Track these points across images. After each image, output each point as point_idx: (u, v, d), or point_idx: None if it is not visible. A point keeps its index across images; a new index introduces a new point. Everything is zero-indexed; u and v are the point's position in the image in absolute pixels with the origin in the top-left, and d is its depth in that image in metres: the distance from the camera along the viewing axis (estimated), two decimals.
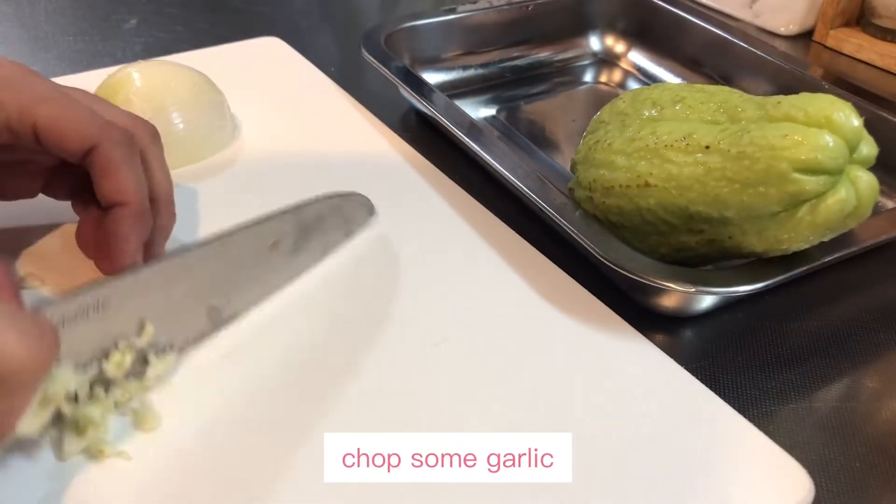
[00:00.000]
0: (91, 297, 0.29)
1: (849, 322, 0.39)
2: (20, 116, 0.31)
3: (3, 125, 0.31)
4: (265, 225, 0.36)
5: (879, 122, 0.46)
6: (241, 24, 0.68)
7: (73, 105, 0.32)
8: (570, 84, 0.61)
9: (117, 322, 0.30)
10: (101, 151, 0.32)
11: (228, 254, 0.35)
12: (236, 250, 0.35)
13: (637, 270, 0.34)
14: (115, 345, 0.30)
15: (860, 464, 0.32)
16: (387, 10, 0.76)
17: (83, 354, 0.29)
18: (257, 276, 0.36)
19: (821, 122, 0.32)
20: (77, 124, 0.31)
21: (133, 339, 0.31)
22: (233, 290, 0.35)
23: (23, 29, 0.66)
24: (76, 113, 0.32)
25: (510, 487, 0.29)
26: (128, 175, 0.32)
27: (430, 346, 0.35)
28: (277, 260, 0.37)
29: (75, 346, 0.29)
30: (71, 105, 0.32)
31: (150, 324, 0.31)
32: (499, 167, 0.42)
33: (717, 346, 0.37)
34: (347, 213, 0.41)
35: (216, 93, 0.48)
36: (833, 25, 0.65)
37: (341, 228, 0.40)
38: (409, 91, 0.49)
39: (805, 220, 0.33)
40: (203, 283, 0.34)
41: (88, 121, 0.32)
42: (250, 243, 0.35)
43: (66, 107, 0.32)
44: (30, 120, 0.31)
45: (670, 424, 0.32)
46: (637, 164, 0.37)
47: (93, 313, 0.29)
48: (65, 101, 0.32)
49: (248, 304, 0.36)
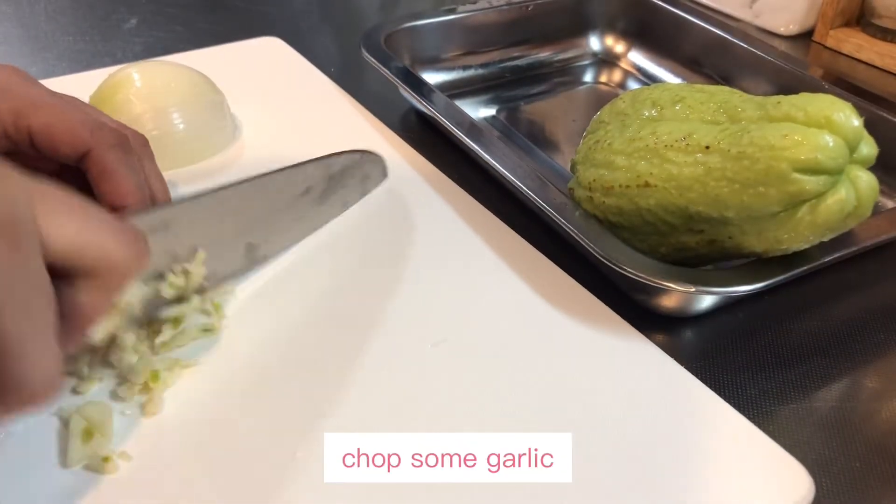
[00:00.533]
0: (159, 217, 0.32)
1: (849, 322, 0.39)
2: (16, 123, 0.31)
3: (1, 133, 0.31)
4: (299, 170, 0.38)
5: (879, 122, 0.46)
6: (241, 24, 0.68)
7: (66, 110, 0.32)
8: (570, 84, 0.61)
9: (176, 244, 0.33)
10: (95, 155, 0.32)
11: (267, 194, 0.37)
12: (274, 192, 0.37)
13: (637, 270, 0.34)
14: (170, 268, 0.33)
15: (860, 463, 0.32)
16: (387, 10, 0.76)
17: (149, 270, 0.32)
18: (289, 219, 0.39)
19: (821, 122, 0.32)
20: (70, 129, 0.32)
21: (186, 265, 0.33)
22: (266, 229, 0.38)
23: (23, 29, 0.66)
24: (69, 117, 0.32)
25: (510, 487, 0.29)
26: (126, 177, 0.32)
27: (430, 346, 0.35)
28: (306, 206, 0.39)
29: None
30: (64, 110, 0.32)
31: (201, 251, 0.34)
32: (499, 167, 0.42)
33: (717, 346, 0.37)
34: (366, 170, 0.43)
35: (216, 93, 0.48)
36: (833, 25, 0.65)
37: (359, 185, 0.43)
38: (409, 91, 0.49)
39: (805, 220, 0.33)
40: (244, 218, 0.36)
41: (81, 125, 0.32)
42: (286, 187, 0.38)
43: (60, 112, 0.32)
44: (25, 126, 0.31)
45: (670, 424, 0.32)
46: (637, 164, 0.37)
47: (160, 231, 0.32)
48: (58, 107, 0.32)
49: (279, 248, 0.39)
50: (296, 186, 0.38)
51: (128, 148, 0.33)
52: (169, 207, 0.32)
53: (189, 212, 0.33)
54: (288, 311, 0.37)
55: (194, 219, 0.33)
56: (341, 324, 0.36)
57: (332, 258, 0.40)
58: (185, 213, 0.33)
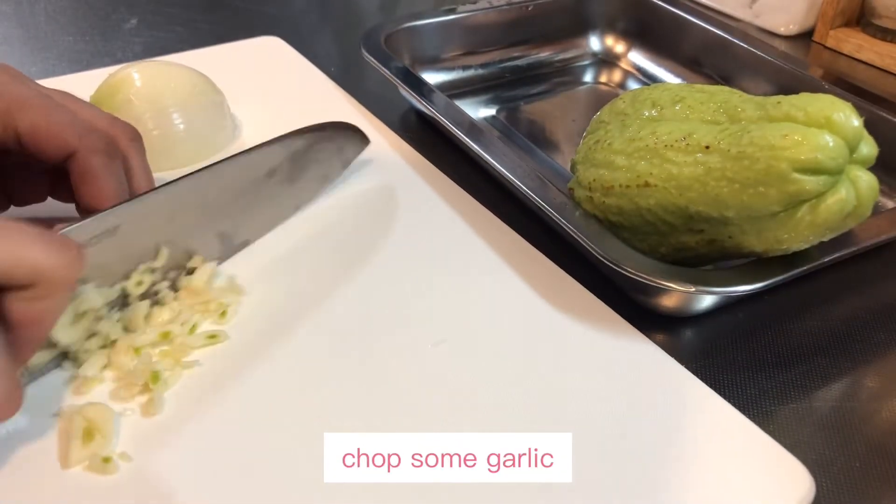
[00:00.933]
0: (102, 223, 0.32)
1: (849, 322, 0.39)
2: (3, 122, 0.32)
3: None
4: (254, 154, 0.38)
5: (879, 122, 0.46)
6: (241, 23, 0.68)
7: (53, 110, 0.32)
8: (570, 84, 0.61)
9: (133, 246, 0.33)
10: (79, 157, 0.32)
11: (224, 181, 0.37)
12: (231, 178, 0.37)
13: (637, 270, 0.34)
14: (134, 268, 0.34)
15: (860, 463, 0.32)
16: (387, 10, 0.76)
17: (106, 276, 0.33)
18: (258, 203, 0.39)
19: (821, 122, 0.32)
20: (56, 130, 0.32)
21: (151, 263, 0.34)
22: (237, 215, 0.38)
23: (23, 29, 0.66)
24: (56, 118, 0.32)
25: (510, 487, 0.29)
26: (106, 182, 0.33)
27: (430, 346, 0.35)
28: (276, 188, 0.39)
29: (95, 267, 0.32)
30: (51, 110, 0.32)
31: (164, 247, 0.35)
32: (499, 167, 0.42)
33: (717, 346, 0.37)
34: (340, 142, 0.43)
35: (216, 93, 0.48)
36: (833, 25, 0.65)
37: (336, 157, 0.43)
38: (409, 91, 0.49)
39: (805, 220, 0.33)
40: (206, 208, 0.36)
41: (68, 126, 0.32)
42: (244, 172, 0.38)
43: (47, 112, 0.32)
44: (12, 126, 0.32)
45: (671, 424, 0.32)
46: (637, 164, 0.37)
47: (106, 238, 0.32)
48: (45, 107, 0.32)
49: (257, 231, 0.39)
50: (257, 169, 0.38)
51: (113, 153, 0.33)
52: (114, 210, 0.32)
53: (137, 212, 0.33)
54: (287, 310, 0.37)
55: (146, 217, 0.33)
56: (341, 324, 0.36)
57: (331, 257, 0.40)
58: (134, 214, 0.33)
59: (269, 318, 0.36)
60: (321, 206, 0.43)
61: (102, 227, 0.32)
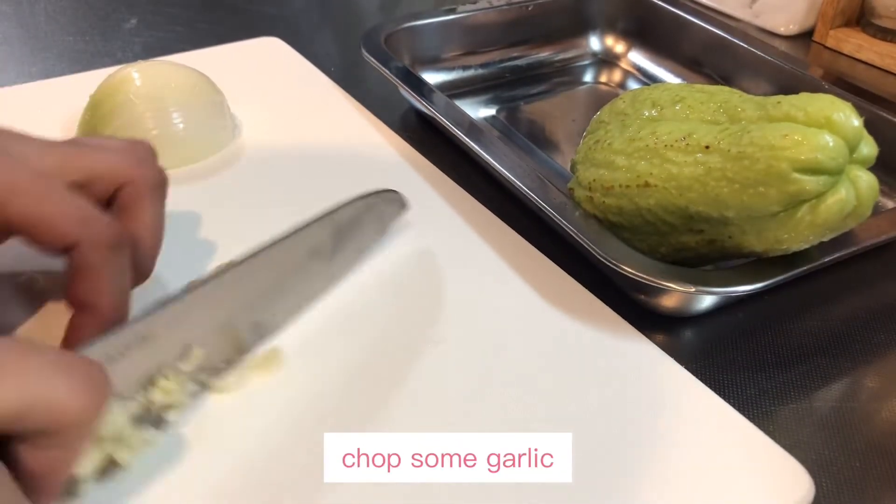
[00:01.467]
0: (134, 332, 0.28)
1: (849, 322, 0.39)
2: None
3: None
4: (303, 233, 0.34)
5: (879, 122, 0.46)
6: (241, 24, 0.68)
7: (50, 197, 0.27)
8: (570, 84, 0.61)
9: (162, 352, 0.29)
10: (80, 252, 0.28)
11: (269, 267, 0.33)
12: (277, 263, 0.34)
13: (637, 270, 0.34)
14: (160, 372, 0.29)
15: (860, 463, 0.32)
16: (387, 10, 0.76)
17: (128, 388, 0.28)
18: (298, 285, 0.35)
19: (821, 122, 0.32)
20: (54, 222, 0.27)
21: (179, 365, 0.30)
22: (275, 303, 0.34)
23: (23, 29, 0.66)
24: (53, 209, 0.27)
25: (510, 487, 0.29)
26: (107, 281, 0.29)
27: (430, 346, 0.35)
28: (317, 267, 0.36)
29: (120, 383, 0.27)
30: (48, 197, 0.27)
31: (197, 348, 0.31)
32: (499, 167, 0.42)
33: (717, 346, 0.37)
34: (381, 211, 0.40)
35: (216, 93, 0.48)
36: (833, 25, 0.65)
37: (375, 227, 0.39)
38: (409, 91, 0.49)
39: (805, 220, 0.33)
40: (246, 300, 0.33)
41: (68, 217, 0.28)
42: (290, 254, 0.34)
43: (42, 200, 0.27)
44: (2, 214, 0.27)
45: (670, 424, 0.32)
46: (637, 164, 0.37)
47: (136, 348, 0.28)
48: (40, 193, 0.27)
49: (290, 314, 0.35)
50: (301, 250, 0.35)
51: (120, 244, 0.29)
52: (145, 319, 0.28)
53: (171, 316, 0.29)
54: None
55: (180, 320, 0.30)
56: (341, 324, 0.36)
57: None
58: (167, 319, 0.29)
59: None
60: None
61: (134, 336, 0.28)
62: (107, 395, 0.23)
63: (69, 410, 0.21)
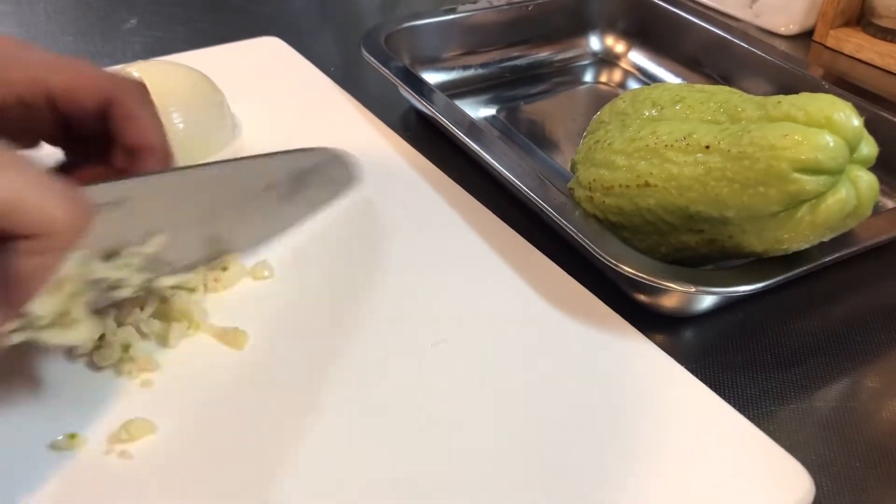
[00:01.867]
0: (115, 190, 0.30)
1: (849, 322, 0.39)
2: (31, 89, 0.32)
3: (16, 101, 0.32)
4: (266, 161, 0.37)
5: (879, 122, 0.46)
6: (241, 24, 0.68)
7: (79, 67, 0.33)
8: (570, 84, 0.61)
9: (132, 223, 0.31)
10: (119, 102, 0.32)
11: (231, 181, 0.35)
12: (238, 180, 0.36)
13: (637, 270, 0.34)
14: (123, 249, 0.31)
15: (860, 463, 0.32)
16: (387, 10, 0.76)
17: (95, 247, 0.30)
18: (253, 213, 0.38)
19: (821, 122, 0.32)
20: (90, 83, 0.32)
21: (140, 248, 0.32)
22: (232, 221, 0.37)
23: (23, 29, 0.66)
24: (86, 73, 0.32)
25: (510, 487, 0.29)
26: (150, 120, 0.33)
27: (430, 346, 0.35)
28: (271, 202, 0.38)
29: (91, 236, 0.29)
30: (78, 67, 0.33)
31: (159, 235, 0.32)
32: (499, 167, 0.42)
33: (717, 346, 0.37)
34: (331, 173, 0.42)
35: (216, 93, 0.48)
36: (833, 25, 0.65)
37: (328, 187, 0.42)
38: (409, 91, 0.49)
39: (805, 220, 0.33)
40: (207, 206, 0.35)
41: (100, 77, 0.33)
42: (251, 178, 0.36)
43: (75, 70, 0.32)
44: (42, 90, 0.32)
45: (670, 424, 0.32)
46: (637, 164, 0.37)
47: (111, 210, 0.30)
48: (71, 65, 0.33)
49: (243, 243, 0.38)
50: (259, 179, 0.37)
51: (146, 93, 0.34)
52: (127, 181, 0.31)
53: (149, 188, 0.32)
54: (286, 310, 0.37)
55: (154, 197, 0.32)
56: (341, 324, 0.36)
57: (330, 257, 0.40)
58: (145, 190, 0.31)
59: (266, 319, 0.36)
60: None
61: (112, 195, 0.30)
62: (89, 217, 0.25)
63: (56, 220, 0.24)
